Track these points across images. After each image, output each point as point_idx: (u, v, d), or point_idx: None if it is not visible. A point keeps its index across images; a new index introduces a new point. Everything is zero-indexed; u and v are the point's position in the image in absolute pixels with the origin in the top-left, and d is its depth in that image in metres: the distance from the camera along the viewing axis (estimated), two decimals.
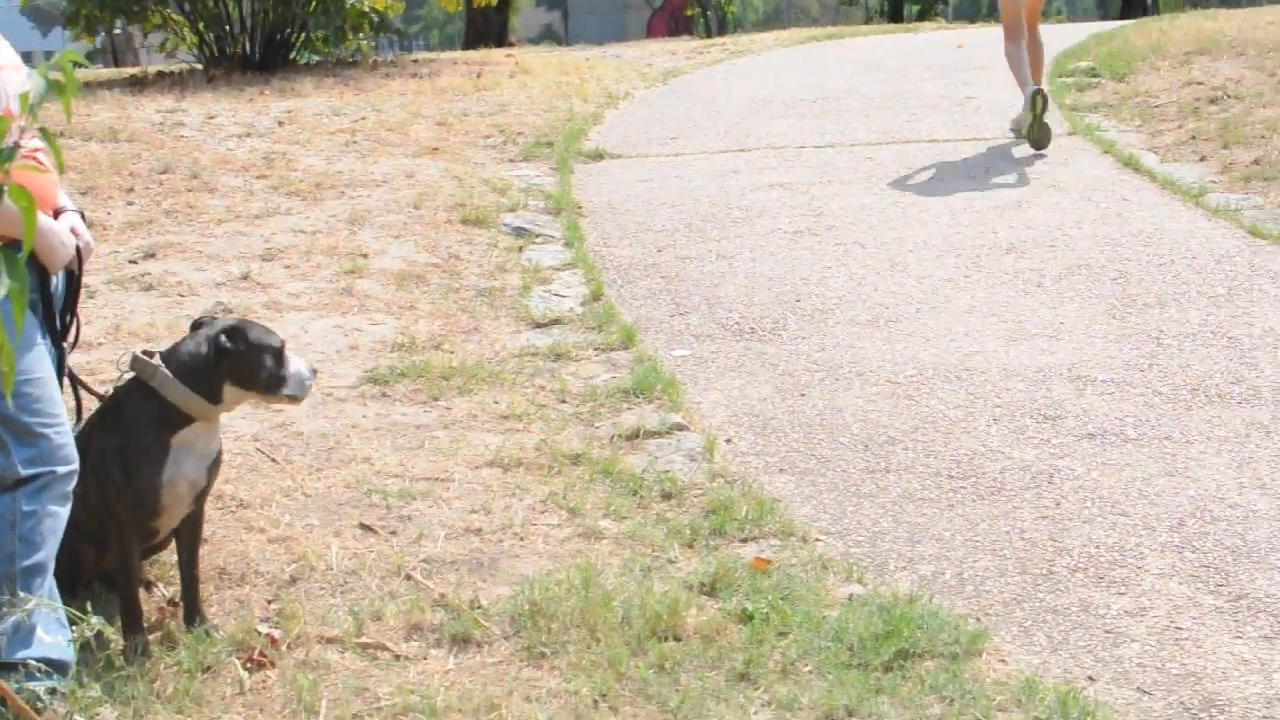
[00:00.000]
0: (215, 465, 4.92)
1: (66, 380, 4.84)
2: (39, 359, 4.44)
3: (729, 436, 6.67)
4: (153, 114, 13.73)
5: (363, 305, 8.43)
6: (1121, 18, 29.45)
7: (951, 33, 20.00)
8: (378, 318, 8.25)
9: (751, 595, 5.09)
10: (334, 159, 12.00)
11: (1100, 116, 13.21)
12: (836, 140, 12.64)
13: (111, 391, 4.94)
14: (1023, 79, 12.28)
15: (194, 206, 10.35)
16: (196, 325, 4.95)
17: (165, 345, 5.00)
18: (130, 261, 9.04)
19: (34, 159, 4.34)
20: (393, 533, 5.69)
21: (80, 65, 2.27)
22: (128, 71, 19.11)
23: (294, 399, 4.95)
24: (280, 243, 9.51)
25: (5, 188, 2.13)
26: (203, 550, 5.11)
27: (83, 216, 4.76)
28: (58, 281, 4.68)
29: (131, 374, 4.82)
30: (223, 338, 4.74)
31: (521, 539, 5.63)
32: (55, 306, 4.71)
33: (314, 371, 4.95)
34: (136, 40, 26.74)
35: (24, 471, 4.36)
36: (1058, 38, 18.51)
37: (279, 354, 4.82)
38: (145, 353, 4.86)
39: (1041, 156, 11.67)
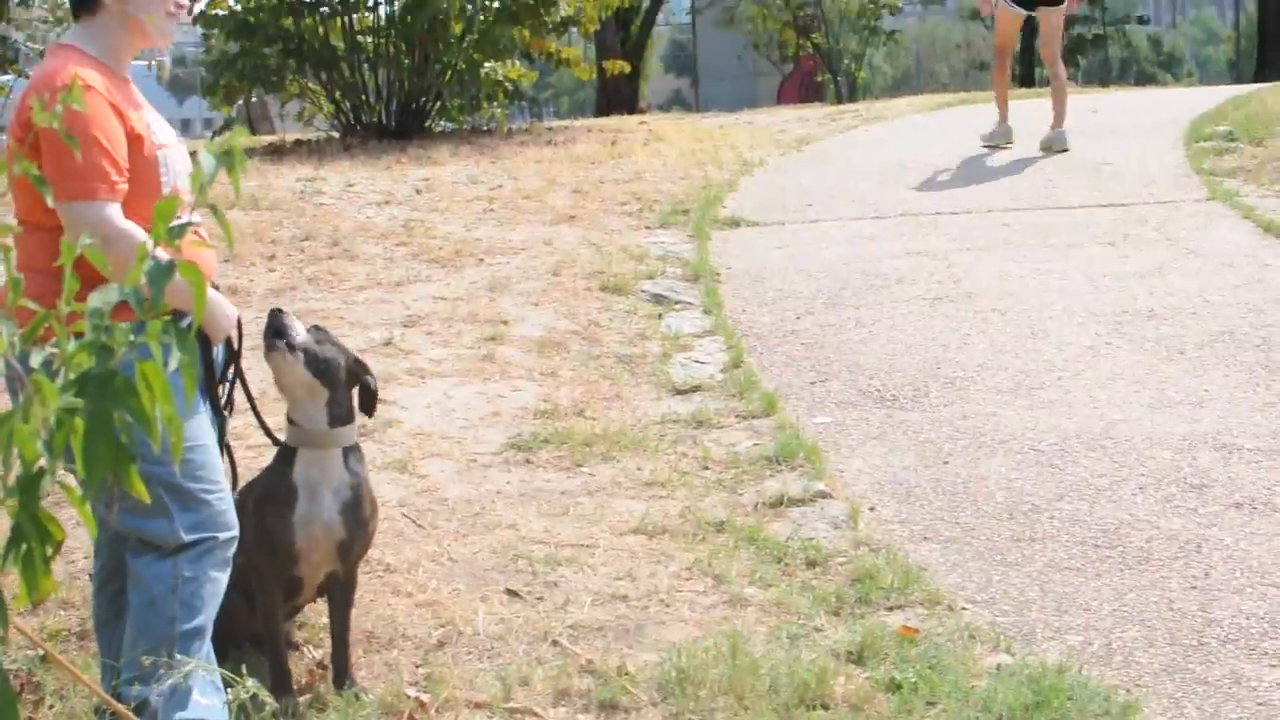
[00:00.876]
0: (358, 519, 4.96)
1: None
2: (201, 426, 4.53)
3: (872, 504, 6.67)
4: (292, 182, 13.93)
5: (504, 372, 8.51)
6: (1256, 80, 29.17)
7: (1084, 97, 19.80)
8: (519, 384, 8.32)
9: (899, 664, 5.08)
10: (472, 226, 12.12)
11: (1239, 181, 13.09)
12: (973, 207, 12.59)
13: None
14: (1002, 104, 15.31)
15: (335, 273, 10.49)
16: None
17: None
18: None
19: (197, 233, 4.47)
20: (539, 598, 5.73)
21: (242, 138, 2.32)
22: (265, 140, 19.40)
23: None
24: (421, 309, 9.62)
25: (176, 264, 2.18)
26: (352, 614, 5.17)
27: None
28: (218, 350, 4.78)
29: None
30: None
31: (667, 606, 5.65)
32: (216, 374, 4.82)
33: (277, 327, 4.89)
34: (271, 108, 27.15)
35: (186, 537, 4.44)
36: (1192, 101, 18.40)
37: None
38: None
39: (1180, 222, 11.57)
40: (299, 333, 4.87)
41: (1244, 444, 7.11)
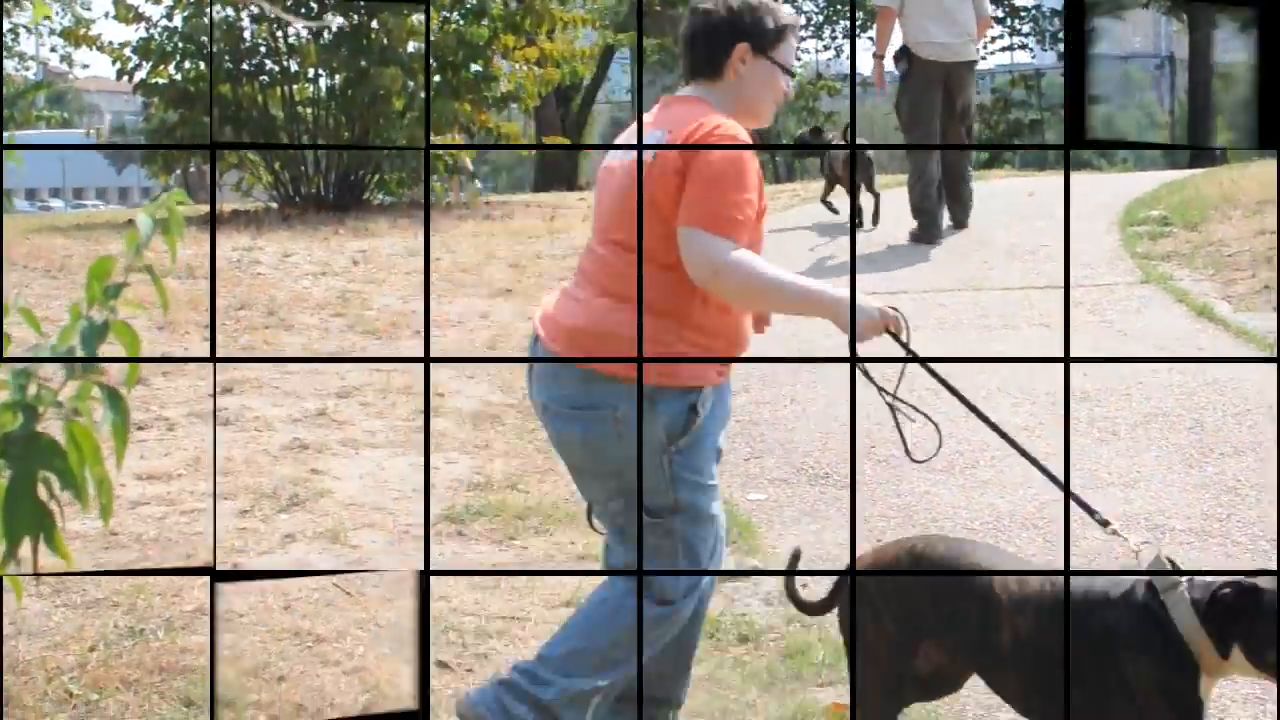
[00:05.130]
0: None
1: None
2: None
3: (805, 582, 6.65)
4: (229, 251, 13.90)
5: (438, 444, 8.47)
6: (1190, 166, 29.44)
7: (1021, 180, 19.97)
8: (453, 456, 8.29)
9: None
10: (409, 299, 12.10)
11: (1173, 265, 13.17)
12: (909, 287, 12.62)
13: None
14: None
15: (270, 343, 10.46)
16: None
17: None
18: (209, 396, 9.12)
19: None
20: (469, 670, 5.70)
21: (181, 203, 2.32)
22: (203, 209, 19.39)
23: None
24: (356, 380, 9.59)
25: (110, 325, 2.18)
26: (279, 686, 5.12)
27: None
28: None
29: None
30: (1224, 589, 3.95)
31: None
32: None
33: None
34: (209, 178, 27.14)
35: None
36: (1127, 186, 18.52)
37: None
38: (1168, 559, 4.19)
39: (1115, 305, 11.63)
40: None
41: (1176, 525, 7.14)
